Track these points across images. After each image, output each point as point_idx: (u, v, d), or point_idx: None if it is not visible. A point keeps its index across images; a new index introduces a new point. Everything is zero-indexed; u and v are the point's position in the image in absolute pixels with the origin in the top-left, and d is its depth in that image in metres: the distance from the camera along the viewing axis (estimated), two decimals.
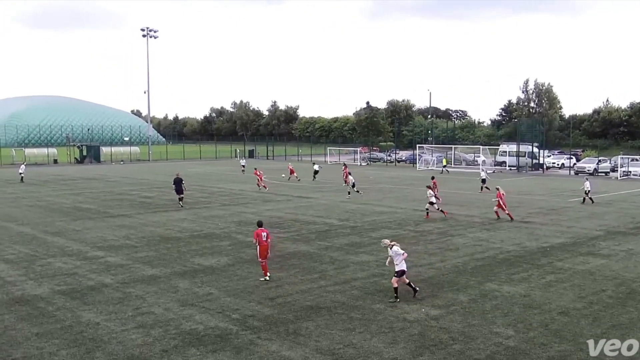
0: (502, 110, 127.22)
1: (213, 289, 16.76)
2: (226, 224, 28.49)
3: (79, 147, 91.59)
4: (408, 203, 36.45)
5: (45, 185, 49.44)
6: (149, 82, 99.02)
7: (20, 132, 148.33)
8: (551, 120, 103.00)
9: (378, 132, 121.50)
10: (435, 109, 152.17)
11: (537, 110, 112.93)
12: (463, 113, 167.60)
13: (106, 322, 13.89)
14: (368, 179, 55.95)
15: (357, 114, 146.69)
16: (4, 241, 24.06)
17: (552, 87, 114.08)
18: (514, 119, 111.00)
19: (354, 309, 14.84)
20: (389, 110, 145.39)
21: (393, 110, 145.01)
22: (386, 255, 21.05)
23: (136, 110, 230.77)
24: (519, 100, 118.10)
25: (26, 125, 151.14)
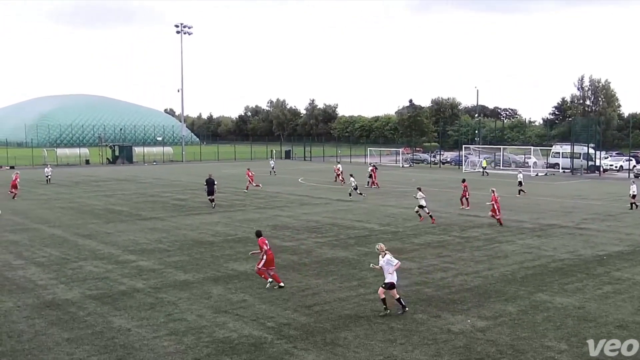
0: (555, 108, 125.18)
1: (247, 296, 16.87)
2: (261, 227, 28.55)
3: (111, 148, 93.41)
4: (453, 207, 36.10)
5: (77, 187, 50.57)
6: (182, 80, 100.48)
7: (52, 132, 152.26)
8: (609, 120, 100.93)
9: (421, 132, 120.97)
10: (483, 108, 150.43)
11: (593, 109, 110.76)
12: (513, 112, 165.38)
13: (137, 329, 14.12)
14: (410, 181, 55.59)
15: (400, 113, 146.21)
16: (36, 243, 24.69)
17: (610, 84, 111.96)
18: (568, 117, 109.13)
19: (395, 319, 14.76)
20: (434, 108, 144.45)
21: (438, 109, 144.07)
22: (430, 262, 20.96)
23: (169, 110, 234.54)
24: (574, 98, 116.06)
25: (58, 125, 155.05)
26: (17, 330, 13.99)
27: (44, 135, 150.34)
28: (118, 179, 58.42)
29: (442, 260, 21.30)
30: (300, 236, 26.34)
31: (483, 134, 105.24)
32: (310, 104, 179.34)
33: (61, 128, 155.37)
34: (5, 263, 21.12)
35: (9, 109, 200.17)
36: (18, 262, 21.20)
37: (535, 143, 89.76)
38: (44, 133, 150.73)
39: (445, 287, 17.76)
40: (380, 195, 42.25)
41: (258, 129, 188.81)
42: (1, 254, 22.57)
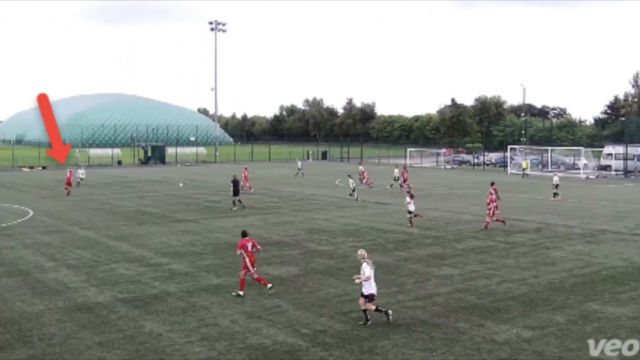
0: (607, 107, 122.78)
1: (282, 301, 16.94)
2: (297, 231, 28.77)
3: (144, 148, 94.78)
4: (498, 211, 35.56)
5: (108, 188, 51.46)
6: (216, 78, 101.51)
7: (85, 132, 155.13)
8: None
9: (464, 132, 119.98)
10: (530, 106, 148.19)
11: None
12: (562, 111, 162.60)
13: (169, 333, 14.30)
14: (452, 183, 55.19)
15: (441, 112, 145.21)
16: (67, 245, 25.21)
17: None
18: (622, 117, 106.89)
19: (436, 327, 14.66)
20: (477, 107, 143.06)
21: (481, 108, 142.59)
22: (473, 269, 20.76)
23: (203, 109, 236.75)
24: (628, 96, 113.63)
25: (90, 124, 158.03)
26: (48, 334, 14.30)
27: (76, 135, 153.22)
28: (150, 180, 59.26)
29: (486, 267, 21.08)
30: (337, 240, 26.35)
31: (530, 134, 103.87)
32: (347, 103, 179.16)
33: (93, 128, 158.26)
34: (37, 265, 21.61)
35: None
36: (50, 264, 21.67)
37: (586, 144, 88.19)
38: (76, 133, 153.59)
39: (488, 294, 17.57)
40: (420, 198, 41.97)
41: (293, 129, 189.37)
42: (33, 256, 23.10)
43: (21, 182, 57.41)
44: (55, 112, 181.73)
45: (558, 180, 43.48)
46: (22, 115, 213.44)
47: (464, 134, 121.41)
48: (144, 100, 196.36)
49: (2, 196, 44.55)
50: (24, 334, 14.30)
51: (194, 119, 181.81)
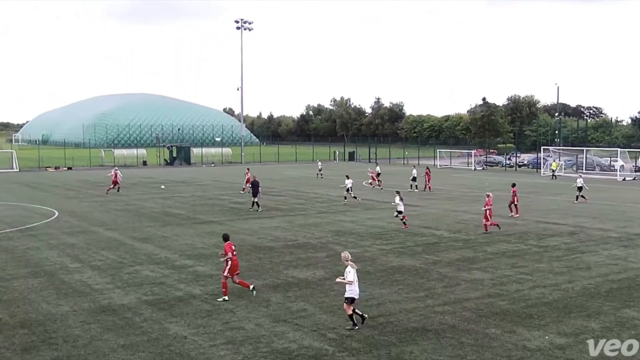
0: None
1: (308, 305, 16.97)
2: (323, 233, 28.79)
3: (169, 148, 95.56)
4: (530, 214, 35.34)
5: (133, 189, 51.96)
6: (242, 78, 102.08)
7: (110, 132, 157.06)
8: None
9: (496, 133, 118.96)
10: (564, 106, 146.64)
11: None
12: (597, 110, 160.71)
13: (194, 336, 14.40)
14: (484, 185, 54.75)
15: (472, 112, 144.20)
16: (92, 247, 25.53)
17: None
18: None
19: (465, 333, 14.56)
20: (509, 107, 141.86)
21: (514, 108, 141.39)
22: (504, 273, 20.58)
23: (228, 109, 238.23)
24: None
25: (115, 125, 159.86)
26: (72, 335, 14.50)
27: (101, 135, 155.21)
28: (175, 181, 59.73)
29: (518, 271, 20.90)
30: (364, 242, 26.32)
31: (564, 134, 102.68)
32: (375, 103, 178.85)
33: (119, 128, 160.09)
34: (62, 266, 21.92)
35: (67, 109, 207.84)
36: (75, 265, 21.96)
37: (623, 144, 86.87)
38: (102, 133, 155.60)
39: (520, 300, 17.41)
40: (451, 200, 41.77)
41: (320, 129, 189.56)
42: (58, 257, 23.44)
43: (47, 183, 58.28)
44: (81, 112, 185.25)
45: (582, 182, 42.62)
46: (48, 115, 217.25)
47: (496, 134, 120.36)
48: (169, 100, 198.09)
49: (27, 197, 45.28)
50: (49, 335, 14.52)
51: (219, 119, 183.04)
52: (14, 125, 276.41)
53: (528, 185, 52.66)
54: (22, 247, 25.49)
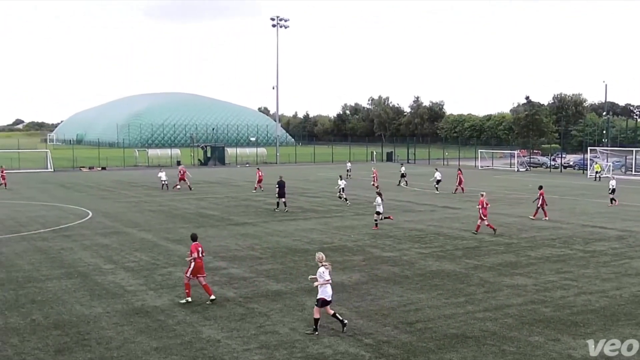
0: None
1: (343, 309, 16.94)
2: (359, 235, 28.75)
3: (203, 148, 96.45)
4: (576, 217, 34.81)
5: (167, 189, 52.52)
6: (277, 76, 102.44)
7: (144, 132, 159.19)
8: None
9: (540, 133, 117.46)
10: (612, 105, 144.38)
11: None
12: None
13: (227, 340, 14.50)
14: (527, 187, 54.09)
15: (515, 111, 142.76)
16: (126, 248, 25.89)
17: None
18: None
19: (507, 341, 14.39)
20: (554, 106, 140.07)
21: (559, 107, 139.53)
22: (548, 279, 20.30)
23: (263, 108, 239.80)
24: None
25: (149, 124, 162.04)
26: (106, 337, 14.71)
27: (135, 135, 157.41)
28: (209, 182, 60.27)
29: (563, 277, 20.59)
30: (402, 246, 26.21)
31: (612, 134, 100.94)
32: (414, 102, 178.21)
33: (152, 127, 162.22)
34: (95, 267, 22.27)
35: (101, 109, 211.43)
36: (108, 267, 22.29)
37: None
38: (136, 133, 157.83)
39: (565, 307, 17.15)
40: (492, 203, 41.23)
41: (358, 128, 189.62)
42: (92, 258, 23.82)
43: (81, 183, 59.31)
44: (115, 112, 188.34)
45: (615, 184, 41.81)
46: (82, 115, 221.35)
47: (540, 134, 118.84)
48: (203, 99, 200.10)
49: (62, 197, 46.14)
50: (82, 337, 14.76)
51: (254, 118, 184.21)
52: (49, 125, 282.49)
53: (574, 187, 51.93)
54: (56, 247, 25.98)
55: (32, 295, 18.47)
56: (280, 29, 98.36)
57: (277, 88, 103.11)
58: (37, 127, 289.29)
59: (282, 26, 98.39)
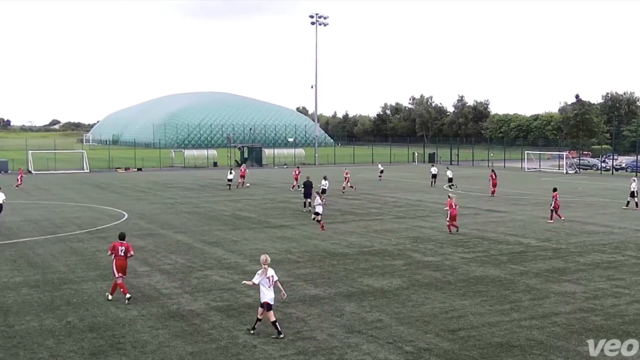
0: None
1: (383, 315, 16.90)
2: (400, 239, 28.64)
3: (240, 149, 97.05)
4: (629, 222, 34.15)
5: (204, 191, 53.08)
6: (316, 75, 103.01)
7: (180, 132, 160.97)
8: None
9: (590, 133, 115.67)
10: None
11: None
12: None
13: (264, 346, 14.56)
14: (576, 190, 53.28)
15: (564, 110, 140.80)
16: (161, 250, 26.20)
17: None
18: None
19: (555, 350, 14.20)
20: (606, 105, 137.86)
21: (611, 106, 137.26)
22: (598, 286, 19.94)
23: (302, 108, 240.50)
24: None
25: (186, 124, 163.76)
26: (141, 341, 14.91)
27: (171, 135, 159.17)
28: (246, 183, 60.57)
29: (614, 284, 20.22)
30: (445, 250, 26.03)
31: None
32: (458, 101, 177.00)
33: (189, 127, 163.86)
34: (131, 270, 22.49)
35: (137, 109, 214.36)
36: (143, 269, 22.59)
37: None
38: (172, 133, 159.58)
39: (617, 315, 16.84)
40: (539, 206, 40.79)
41: (398, 128, 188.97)
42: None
43: (116, 184, 60.20)
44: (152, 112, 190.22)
45: (636, 186, 40.84)
46: (118, 115, 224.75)
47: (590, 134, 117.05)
48: (240, 98, 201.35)
49: (97, 198, 46.90)
50: (117, 340, 14.97)
51: (292, 118, 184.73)
52: (85, 126, 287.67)
53: (626, 190, 50.80)
54: (92, 249, 26.41)
55: (67, 297, 18.81)
56: (320, 26, 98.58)
57: (315, 87, 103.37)
58: (74, 128, 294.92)
59: (322, 24, 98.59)
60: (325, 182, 43.76)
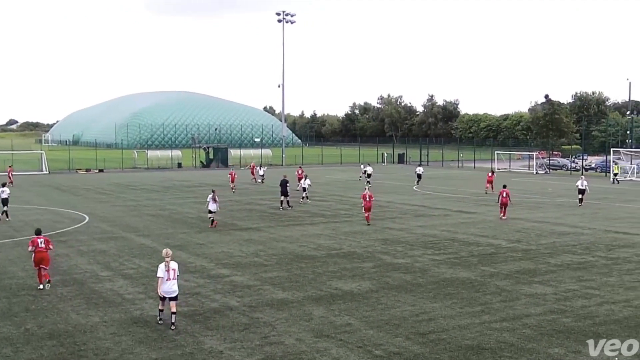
0: None
1: (352, 319, 16.94)
2: (369, 241, 28.72)
3: (205, 150, 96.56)
4: (598, 222, 34.68)
5: (168, 192, 52.70)
6: (284, 74, 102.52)
7: (143, 132, 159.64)
8: None
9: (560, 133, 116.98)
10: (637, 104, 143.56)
11: None
12: None
13: (230, 351, 14.50)
14: (547, 190, 53.98)
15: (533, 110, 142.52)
16: (124, 254, 25.94)
17: None
18: None
19: (526, 353, 14.36)
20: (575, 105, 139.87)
21: (580, 106, 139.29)
22: (569, 287, 20.22)
23: (269, 107, 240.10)
24: None
25: (149, 124, 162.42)
26: (103, 348, 14.74)
27: (134, 135, 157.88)
28: (212, 185, 60.20)
29: (584, 285, 20.52)
30: (415, 252, 26.17)
31: (636, 134, 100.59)
32: (428, 100, 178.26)
33: (153, 128, 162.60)
34: (92, 274, 22.32)
35: (99, 108, 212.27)
36: (105, 274, 22.34)
37: None
38: (135, 133, 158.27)
39: (587, 317, 17.09)
40: (509, 207, 41.20)
41: (367, 128, 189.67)
42: (88, 264, 23.88)
43: (77, 186, 59.48)
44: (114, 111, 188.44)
45: (581, 185, 42.71)
46: (79, 114, 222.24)
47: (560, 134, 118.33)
48: (206, 97, 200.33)
49: (57, 200, 46.29)
50: (78, 347, 14.79)
51: (259, 118, 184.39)
52: (44, 125, 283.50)
53: (596, 190, 51.65)
54: (51, 253, 26.00)
55: (26, 304, 18.52)
56: (287, 24, 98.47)
57: (283, 86, 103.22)
58: (32, 127, 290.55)
59: (288, 22, 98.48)
60: (306, 181, 44.95)
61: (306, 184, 44.72)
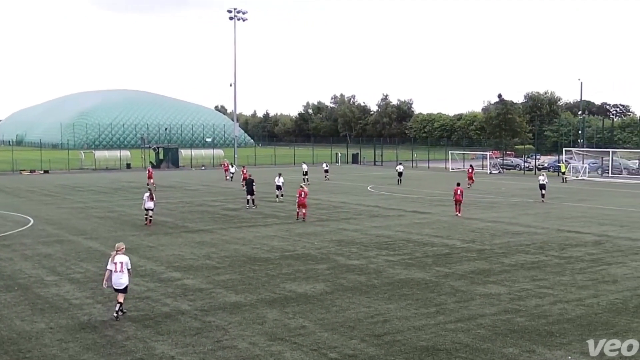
0: None
1: (307, 321, 16.94)
2: (324, 243, 28.78)
3: (155, 150, 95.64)
4: (551, 222, 35.34)
5: (116, 194, 52.01)
6: (235, 73, 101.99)
7: (90, 132, 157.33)
8: None
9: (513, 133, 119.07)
10: (588, 104, 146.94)
11: None
12: (624, 108, 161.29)
13: (182, 356, 14.38)
14: (500, 190, 54.81)
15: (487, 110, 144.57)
16: (71, 258, 25.51)
17: None
18: None
19: (481, 353, 14.54)
20: (528, 105, 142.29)
21: (533, 105, 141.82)
22: (523, 287, 20.55)
23: (220, 107, 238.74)
24: None
25: (97, 124, 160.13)
26: (49, 355, 14.47)
27: (81, 135, 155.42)
28: (162, 186, 59.69)
29: (537, 285, 20.87)
30: (369, 253, 26.31)
31: (588, 134, 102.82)
32: (382, 100, 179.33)
33: (100, 127, 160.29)
34: (37, 279, 21.90)
35: (43, 107, 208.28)
36: (51, 279, 21.94)
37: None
38: (82, 133, 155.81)
39: (540, 316, 17.38)
40: (463, 207, 41.72)
41: (321, 128, 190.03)
42: (33, 269, 23.42)
43: (21, 187, 58.31)
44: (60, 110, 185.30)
45: (543, 180, 46.11)
46: (23, 113, 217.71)
47: (513, 134, 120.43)
48: (155, 97, 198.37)
49: (0, 203, 45.28)
50: (22, 355, 14.49)
51: (210, 117, 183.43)
52: None
53: (548, 190, 52.69)
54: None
55: None
56: (238, 22, 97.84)
57: (235, 85, 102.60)
58: None
59: (240, 19, 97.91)
60: (280, 179, 46.60)
61: (280, 182, 46.26)
